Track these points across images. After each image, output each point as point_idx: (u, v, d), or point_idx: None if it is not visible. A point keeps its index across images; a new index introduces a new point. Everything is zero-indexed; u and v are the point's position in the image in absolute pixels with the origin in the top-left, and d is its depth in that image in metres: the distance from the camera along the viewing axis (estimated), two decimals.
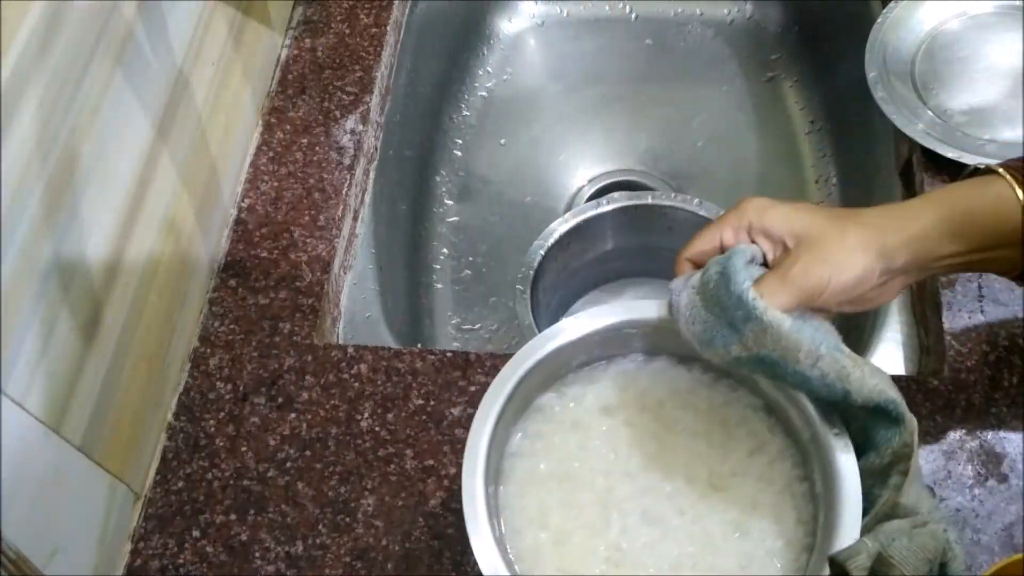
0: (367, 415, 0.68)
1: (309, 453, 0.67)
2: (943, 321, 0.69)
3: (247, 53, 0.81)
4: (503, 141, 1.07)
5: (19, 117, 0.53)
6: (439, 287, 0.97)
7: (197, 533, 0.64)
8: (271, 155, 0.82)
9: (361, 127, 0.84)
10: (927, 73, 0.81)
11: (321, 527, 0.64)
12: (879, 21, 0.83)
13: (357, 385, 0.69)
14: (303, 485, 0.65)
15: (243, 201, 0.79)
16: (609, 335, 0.57)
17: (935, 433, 0.65)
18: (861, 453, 0.52)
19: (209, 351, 0.72)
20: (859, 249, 0.51)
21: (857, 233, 0.52)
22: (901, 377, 0.68)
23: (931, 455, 0.64)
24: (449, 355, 0.70)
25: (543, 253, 0.83)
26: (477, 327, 0.95)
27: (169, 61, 0.69)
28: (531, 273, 0.81)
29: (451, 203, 1.02)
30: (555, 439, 0.57)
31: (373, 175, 0.87)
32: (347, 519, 0.64)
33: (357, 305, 0.81)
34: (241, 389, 0.70)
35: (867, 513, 0.50)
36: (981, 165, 0.55)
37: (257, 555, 0.63)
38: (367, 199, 0.85)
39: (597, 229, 0.86)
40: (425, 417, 0.68)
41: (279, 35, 0.89)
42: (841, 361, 0.50)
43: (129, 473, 0.64)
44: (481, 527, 0.51)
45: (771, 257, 0.54)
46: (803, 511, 0.53)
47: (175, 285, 0.70)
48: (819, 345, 0.50)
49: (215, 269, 0.76)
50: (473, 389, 0.69)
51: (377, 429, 0.67)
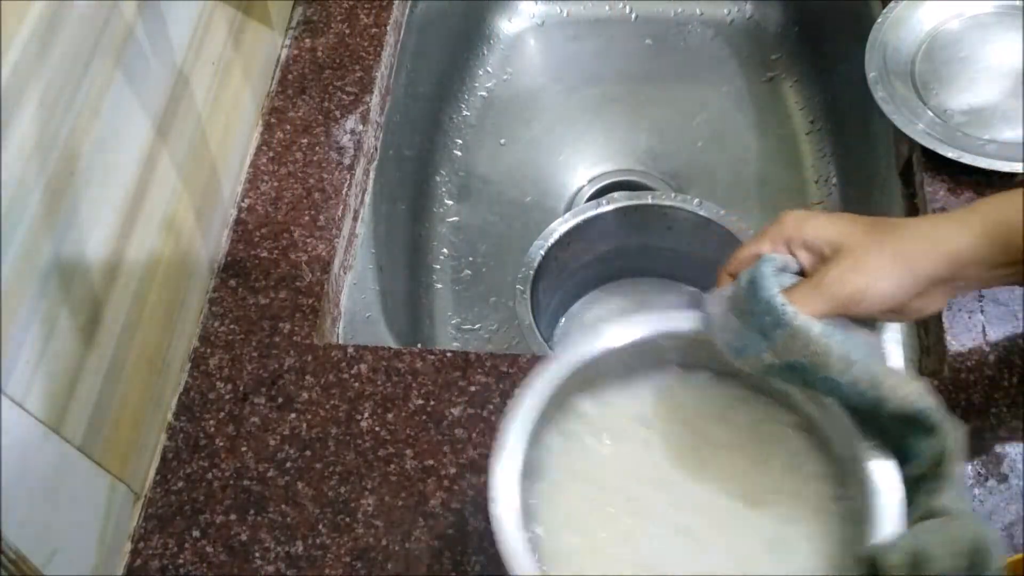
0: (367, 415, 0.68)
1: (309, 453, 0.67)
2: (943, 321, 0.69)
3: (247, 53, 0.81)
4: (503, 141, 1.07)
5: (19, 117, 0.53)
6: (439, 287, 0.97)
7: (197, 533, 0.64)
8: (271, 155, 0.82)
9: (361, 127, 0.84)
10: (927, 73, 0.81)
11: (321, 527, 0.64)
12: (879, 21, 0.83)
13: (357, 385, 0.70)
14: (303, 485, 0.66)
15: (243, 201, 0.79)
16: (646, 345, 0.56)
17: None
18: (900, 463, 0.51)
19: (209, 351, 0.72)
20: (900, 258, 0.51)
21: (898, 242, 0.51)
22: None
23: None
24: (449, 355, 0.70)
25: (543, 253, 0.83)
26: (477, 327, 0.95)
27: (169, 61, 0.69)
28: (531, 273, 0.82)
29: (451, 203, 1.03)
30: (590, 443, 0.56)
31: (373, 175, 0.87)
32: (347, 519, 0.64)
33: (357, 305, 0.81)
34: (241, 389, 0.70)
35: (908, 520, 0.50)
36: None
37: (257, 555, 0.63)
38: (367, 199, 0.85)
39: (597, 229, 0.86)
40: (425, 417, 0.68)
41: (279, 35, 0.89)
42: (873, 369, 0.50)
43: (129, 473, 0.64)
44: (512, 531, 0.50)
45: (808, 268, 0.53)
46: (842, 529, 0.52)
47: (175, 285, 0.70)
48: (850, 352, 0.49)
49: (215, 269, 0.76)
50: (473, 389, 0.69)
51: (377, 429, 0.67)
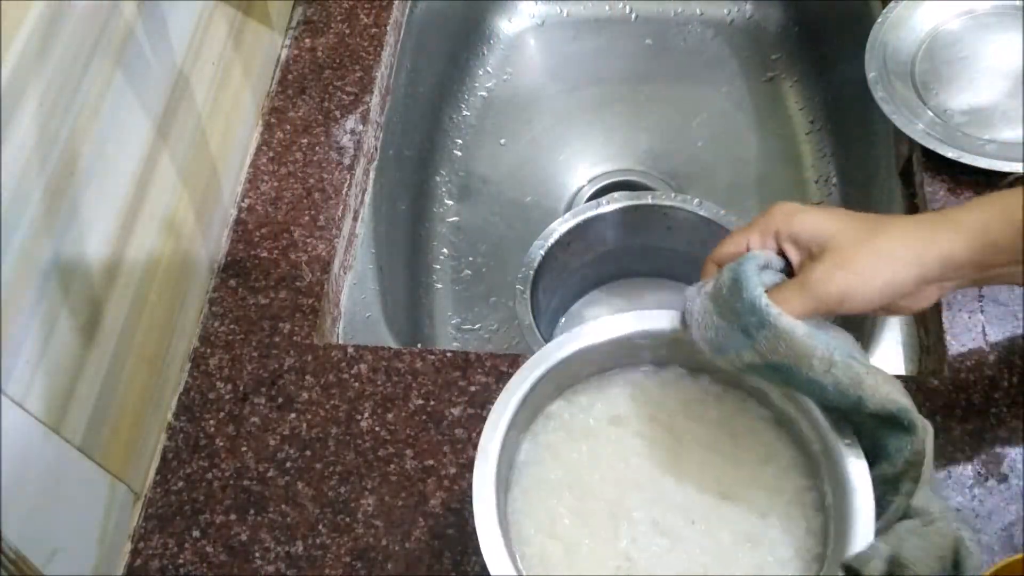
0: (367, 415, 0.68)
1: (309, 453, 0.67)
2: (943, 321, 0.69)
3: (247, 53, 0.81)
4: (503, 141, 1.07)
5: (19, 117, 0.53)
6: (439, 287, 0.97)
7: (197, 533, 0.64)
8: (271, 155, 0.82)
9: (361, 127, 0.84)
10: (927, 73, 0.81)
11: (321, 527, 0.64)
12: (879, 21, 0.83)
13: (357, 385, 0.69)
14: (303, 485, 0.65)
15: (243, 201, 0.79)
16: (620, 345, 0.57)
17: (935, 433, 0.65)
18: (873, 462, 0.52)
19: (209, 351, 0.72)
20: (889, 257, 0.50)
21: (888, 241, 0.51)
22: (901, 377, 0.68)
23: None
24: (449, 355, 0.70)
25: (543, 253, 0.83)
26: (477, 327, 0.95)
27: (169, 61, 0.69)
28: (531, 273, 0.81)
29: (451, 203, 1.02)
30: (565, 447, 0.57)
31: (373, 175, 0.87)
32: (347, 519, 0.64)
33: (357, 305, 0.81)
34: (241, 389, 0.70)
35: (879, 519, 0.50)
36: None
37: (257, 555, 0.63)
38: (367, 199, 0.85)
39: (597, 229, 0.86)
40: (425, 417, 0.68)
41: (279, 35, 0.89)
42: (855, 368, 0.50)
43: (129, 473, 0.64)
44: (492, 533, 0.50)
45: (796, 263, 0.53)
46: (813, 521, 0.53)
47: (175, 285, 0.70)
48: (832, 351, 0.50)
49: (215, 269, 0.76)
50: (473, 389, 0.69)
51: (377, 429, 0.67)
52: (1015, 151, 0.74)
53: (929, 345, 0.71)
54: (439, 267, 0.98)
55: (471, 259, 0.99)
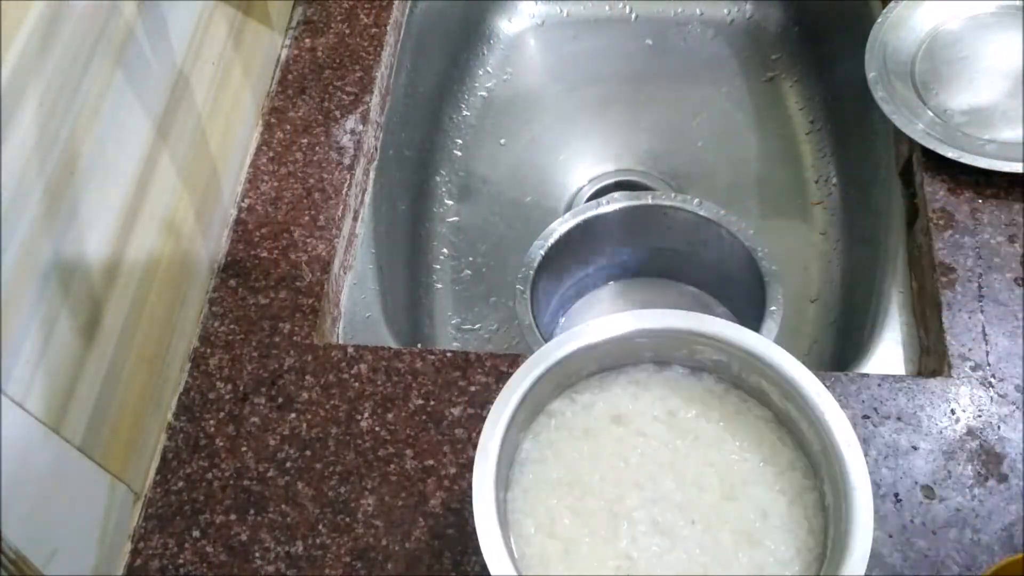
0: (367, 415, 0.68)
1: (309, 453, 0.67)
2: (943, 321, 0.69)
3: (247, 53, 0.81)
4: (503, 141, 1.07)
5: (19, 117, 0.53)
6: (439, 287, 0.97)
7: (197, 533, 0.64)
8: (271, 155, 0.82)
9: (361, 127, 0.84)
10: (927, 73, 0.81)
11: (321, 527, 0.64)
12: (879, 21, 0.83)
13: (357, 385, 0.69)
14: (303, 485, 0.65)
15: (243, 201, 0.79)
16: (620, 344, 0.57)
17: (935, 433, 0.65)
18: None
19: (209, 351, 0.72)
20: None
21: None
22: (901, 377, 0.68)
23: (931, 455, 0.64)
24: (449, 355, 0.70)
25: (543, 253, 0.83)
26: (477, 327, 0.95)
27: (169, 61, 0.69)
28: (531, 273, 0.81)
29: (451, 203, 1.02)
30: (565, 446, 0.57)
31: (373, 175, 0.87)
32: (347, 519, 0.64)
33: (357, 305, 0.81)
34: (241, 389, 0.70)
35: None
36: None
37: (257, 555, 0.63)
38: (367, 199, 0.85)
39: (597, 229, 0.86)
40: (425, 417, 0.68)
41: (279, 35, 0.89)
42: None
43: (129, 473, 0.64)
44: (492, 533, 0.50)
45: None
46: (814, 521, 0.53)
47: (175, 285, 0.70)
48: None
49: (215, 269, 0.76)
50: (473, 389, 0.69)
51: (377, 429, 0.67)
52: (1015, 151, 0.74)
53: (929, 345, 0.71)
54: (439, 267, 0.98)
55: (471, 259, 0.99)
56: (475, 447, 0.53)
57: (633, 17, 1.13)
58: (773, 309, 0.78)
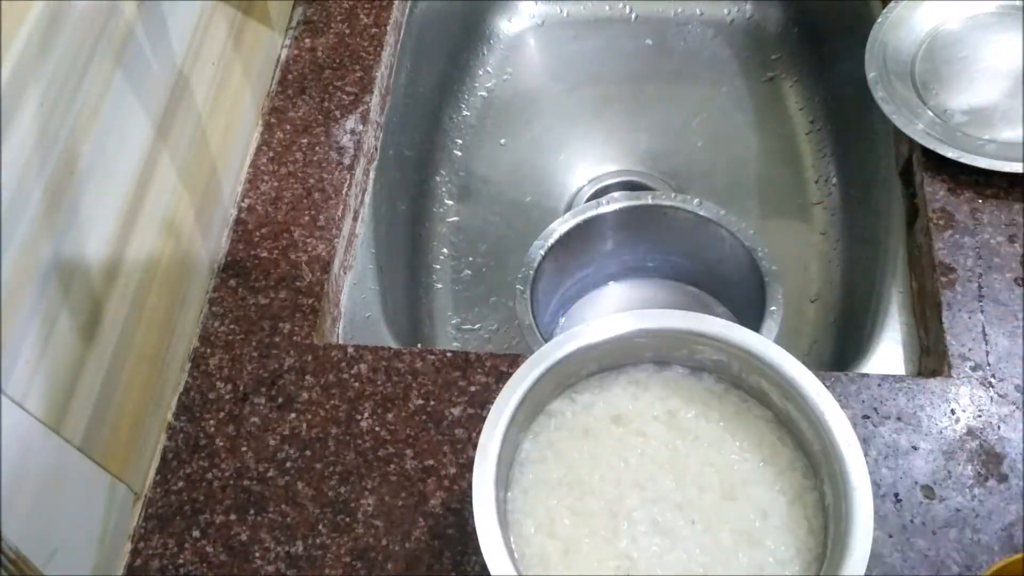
0: (367, 415, 0.68)
1: (309, 453, 0.67)
2: (943, 321, 0.69)
3: (247, 53, 0.81)
4: (503, 141, 1.07)
5: (19, 117, 0.53)
6: (439, 287, 0.97)
7: (197, 533, 0.64)
8: (271, 155, 0.82)
9: (361, 127, 0.84)
10: (927, 73, 0.81)
11: (321, 527, 0.64)
12: (879, 21, 0.83)
13: (357, 385, 0.69)
14: (303, 485, 0.65)
15: (243, 201, 0.79)
16: (620, 344, 0.57)
17: (935, 433, 0.65)
18: None
19: (209, 351, 0.72)
20: None
21: None
22: (901, 377, 0.68)
23: (931, 455, 0.64)
24: (449, 355, 0.70)
25: (543, 253, 0.83)
26: (477, 327, 0.95)
27: (169, 61, 0.69)
28: (531, 273, 0.81)
29: (451, 203, 1.02)
30: (565, 446, 0.57)
31: (373, 175, 0.87)
32: (347, 519, 0.64)
33: (357, 305, 0.81)
34: (241, 389, 0.70)
35: None
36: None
37: (257, 555, 0.63)
38: (367, 199, 0.85)
39: (597, 229, 0.86)
40: (425, 417, 0.68)
41: (279, 35, 0.89)
42: None
43: (129, 473, 0.64)
44: (491, 533, 0.50)
45: None
46: (814, 521, 0.53)
47: (175, 285, 0.70)
48: None
49: (215, 269, 0.76)
50: (473, 389, 0.69)
51: (377, 429, 0.67)
52: (1015, 151, 0.74)
53: (929, 345, 0.71)
54: (439, 267, 0.98)
55: (471, 259, 0.99)
56: (475, 447, 0.53)
57: (633, 17, 1.13)
58: (773, 309, 0.78)
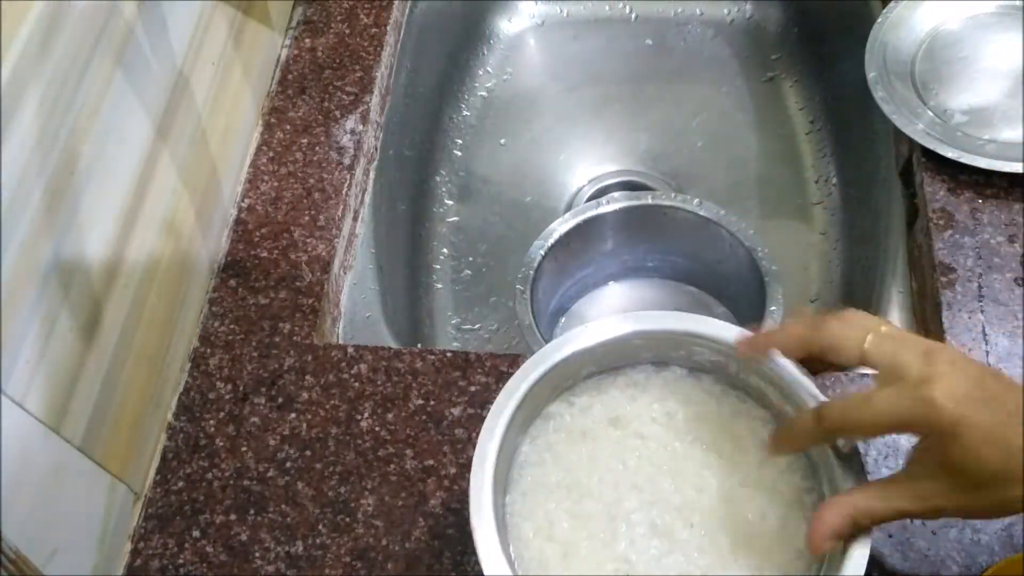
0: (367, 415, 0.68)
1: (309, 453, 0.67)
2: (943, 321, 0.69)
3: (247, 53, 0.81)
4: (503, 141, 1.07)
5: (19, 117, 0.53)
6: (439, 287, 0.97)
7: (197, 533, 0.64)
8: (271, 155, 0.82)
9: (361, 127, 0.84)
10: (927, 73, 0.81)
11: (321, 527, 0.64)
12: (879, 21, 0.83)
13: (357, 385, 0.69)
14: (303, 485, 0.65)
15: (243, 201, 0.79)
16: (619, 345, 0.57)
17: None
18: None
19: (209, 351, 0.72)
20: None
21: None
22: None
23: None
24: (449, 355, 0.70)
25: (543, 253, 0.83)
26: (477, 327, 0.95)
27: (169, 61, 0.69)
28: (531, 273, 0.81)
29: (451, 203, 1.02)
30: (564, 449, 0.56)
31: (373, 175, 0.87)
32: (347, 519, 0.64)
33: (357, 305, 0.81)
34: (241, 389, 0.70)
35: None
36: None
37: (257, 555, 0.63)
38: (367, 199, 0.85)
39: (597, 229, 0.86)
40: (425, 417, 0.68)
41: (279, 35, 0.89)
42: None
43: (129, 473, 0.64)
44: (489, 536, 0.50)
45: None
46: None
47: (175, 285, 0.70)
48: None
49: (215, 269, 0.76)
50: (473, 389, 0.69)
51: (377, 429, 0.67)
52: (1015, 151, 0.74)
53: None
54: (439, 267, 0.98)
55: (471, 259, 0.99)
56: (475, 447, 0.53)
57: (633, 17, 1.13)
58: (773, 309, 0.78)
